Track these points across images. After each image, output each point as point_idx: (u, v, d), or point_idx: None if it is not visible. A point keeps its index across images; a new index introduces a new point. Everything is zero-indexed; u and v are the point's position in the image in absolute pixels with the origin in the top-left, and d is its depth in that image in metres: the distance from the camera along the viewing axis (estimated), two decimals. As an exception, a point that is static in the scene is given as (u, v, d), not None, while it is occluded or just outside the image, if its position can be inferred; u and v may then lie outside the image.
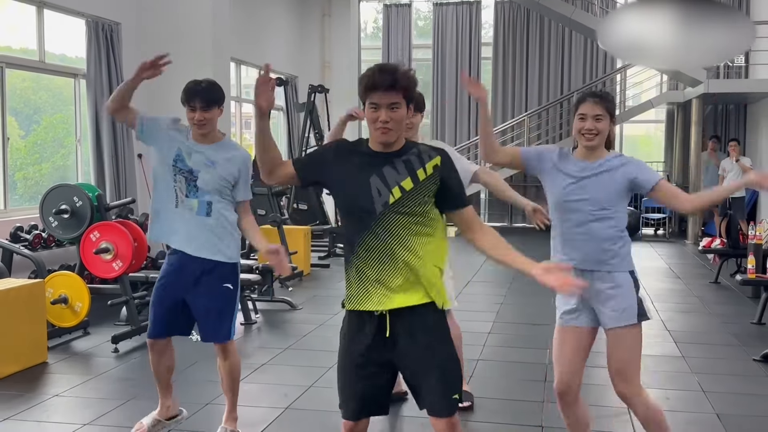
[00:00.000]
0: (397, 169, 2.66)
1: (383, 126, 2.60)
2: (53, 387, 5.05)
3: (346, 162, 2.72)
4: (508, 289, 8.66)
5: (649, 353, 5.89)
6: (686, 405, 4.80)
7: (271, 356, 5.80)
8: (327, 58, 14.89)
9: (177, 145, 3.76)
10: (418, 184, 2.65)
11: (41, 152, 8.50)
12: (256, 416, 4.53)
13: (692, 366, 5.63)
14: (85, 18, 8.12)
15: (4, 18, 7.39)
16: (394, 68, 2.62)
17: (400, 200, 2.64)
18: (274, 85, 2.74)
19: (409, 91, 2.63)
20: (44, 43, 7.70)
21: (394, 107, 2.60)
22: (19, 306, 5.39)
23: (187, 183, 3.74)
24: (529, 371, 5.46)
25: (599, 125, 3.23)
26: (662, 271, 10.14)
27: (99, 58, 8.16)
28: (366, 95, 2.62)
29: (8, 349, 5.23)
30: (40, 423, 4.34)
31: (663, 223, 14.80)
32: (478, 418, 4.49)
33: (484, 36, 16.44)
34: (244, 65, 12.13)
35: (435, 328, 2.71)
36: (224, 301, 3.84)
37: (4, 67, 7.18)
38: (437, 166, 2.68)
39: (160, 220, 3.83)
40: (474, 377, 5.27)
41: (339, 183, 2.73)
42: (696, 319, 7.41)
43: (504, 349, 6.13)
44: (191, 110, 3.69)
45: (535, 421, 4.43)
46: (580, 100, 3.31)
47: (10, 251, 6.62)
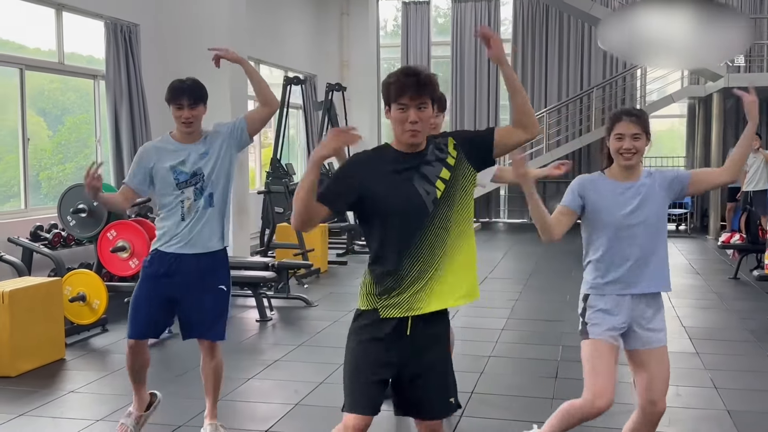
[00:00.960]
0: (432, 164, 2.72)
1: (412, 128, 2.64)
2: (69, 383, 5.12)
3: (378, 173, 2.71)
4: (525, 286, 8.63)
5: (662, 350, 5.87)
6: (697, 402, 4.77)
7: (284, 353, 5.83)
8: (345, 57, 14.92)
9: (168, 163, 3.79)
10: (452, 169, 2.73)
11: (65, 152, 8.63)
12: (266, 412, 4.57)
13: (706, 363, 5.59)
14: (103, 19, 8.20)
15: (24, 20, 7.49)
16: (417, 70, 2.68)
17: (446, 192, 2.71)
18: (352, 139, 2.64)
19: (434, 91, 2.70)
20: (63, 44, 7.79)
21: (422, 107, 2.65)
22: (37, 304, 5.46)
23: (194, 190, 3.79)
24: (541, 368, 5.45)
25: (637, 144, 3.21)
26: (682, 267, 10.05)
27: (118, 59, 8.24)
28: (395, 98, 2.66)
29: (26, 346, 5.31)
30: (55, 419, 4.41)
31: (684, 219, 14.65)
32: (485, 415, 4.49)
33: (503, 33, 16.37)
34: (263, 64, 12.18)
35: (443, 333, 2.78)
36: (219, 300, 3.88)
37: (24, 69, 7.28)
38: (455, 144, 2.76)
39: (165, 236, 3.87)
40: (485, 373, 5.27)
41: (380, 195, 2.70)
42: (713, 315, 7.34)
43: (517, 345, 6.11)
44: (178, 108, 3.72)
45: (543, 418, 4.37)
46: (616, 118, 3.25)
47: (30, 250, 6.72)
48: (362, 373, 2.72)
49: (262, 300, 6.98)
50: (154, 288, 3.85)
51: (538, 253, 11.37)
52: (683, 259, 10.85)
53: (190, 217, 3.81)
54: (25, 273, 6.25)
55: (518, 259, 10.94)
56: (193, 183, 3.79)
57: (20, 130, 7.32)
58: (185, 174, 3.78)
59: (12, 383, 5.05)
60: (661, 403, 3.31)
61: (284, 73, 12.25)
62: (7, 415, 4.44)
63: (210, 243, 3.85)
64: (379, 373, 2.72)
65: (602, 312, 3.25)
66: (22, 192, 7.33)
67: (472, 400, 4.71)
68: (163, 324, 4.00)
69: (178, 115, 3.72)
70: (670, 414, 4.43)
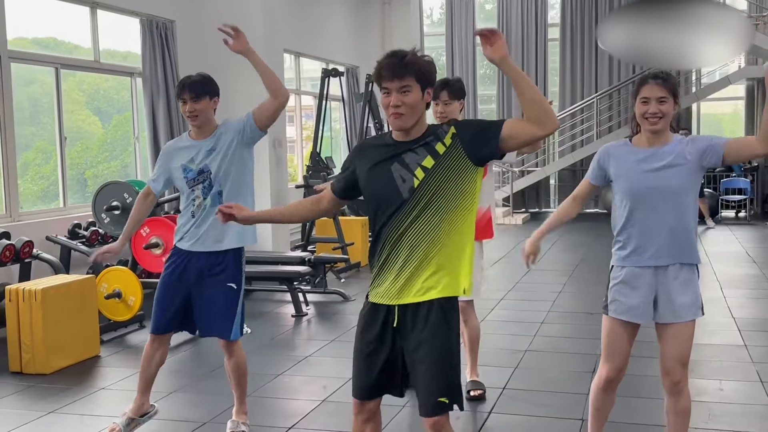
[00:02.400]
0: (417, 153, 2.65)
1: (395, 110, 2.58)
2: (102, 380, 5.21)
3: (368, 157, 2.74)
4: (569, 277, 8.48)
5: (708, 342, 5.71)
6: (740, 396, 4.61)
7: (316, 348, 5.84)
8: (388, 47, 14.80)
9: (180, 162, 3.85)
10: (438, 158, 2.62)
11: (111, 150, 8.81)
12: (293, 408, 4.58)
13: (754, 355, 5.40)
14: (139, 17, 8.30)
15: (59, 19, 7.63)
16: (404, 53, 2.60)
17: (425, 181, 2.61)
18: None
19: (421, 73, 2.60)
20: (99, 43, 7.91)
21: (405, 90, 2.57)
22: (71, 301, 5.56)
23: (202, 188, 3.82)
24: (579, 362, 5.34)
25: (663, 108, 3.12)
26: (737, 256, 9.75)
27: (154, 56, 8.34)
28: (378, 81, 2.62)
29: (60, 344, 5.41)
30: (82, 416, 4.48)
31: (744, 205, 14.23)
32: (516, 411, 4.41)
33: (551, 17, 16.11)
34: (303, 57, 12.21)
35: (440, 325, 2.65)
36: (227, 298, 3.88)
37: (59, 68, 7.41)
38: (454, 134, 2.64)
39: (179, 233, 3.95)
40: (519, 368, 5.19)
41: (364, 179, 2.74)
42: (766, 306, 7.10)
43: (555, 339, 6.00)
44: (183, 103, 3.77)
45: (575, 414, 4.33)
46: (642, 82, 3.18)
47: (68, 248, 6.86)
48: (358, 358, 2.77)
49: (297, 295, 7.00)
50: (171, 283, 3.91)
51: (587, 243, 11.17)
52: (740, 247, 10.52)
53: (198, 214, 3.85)
54: (62, 271, 6.37)
55: (565, 250, 10.76)
56: (201, 180, 3.81)
57: (57, 129, 7.46)
58: (193, 172, 3.82)
59: (46, 381, 5.16)
60: (677, 376, 3.26)
61: (325, 65, 12.24)
62: (37, 412, 4.53)
63: (220, 242, 3.85)
64: (373, 360, 2.72)
65: (622, 284, 3.26)
66: (60, 190, 7.48)
67: (503, 396, 4.64)
68: (182, 319, 3.99)
69: (183, 110, 3.78)
70: (709, 409, 4.32)
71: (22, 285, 5.49)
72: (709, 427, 4.09)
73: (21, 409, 4.61)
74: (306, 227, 9.82)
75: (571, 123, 15.51)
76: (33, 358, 5.31)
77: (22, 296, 5.33)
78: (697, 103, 15.34)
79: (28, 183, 7.54)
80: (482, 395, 4.54)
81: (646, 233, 3.20)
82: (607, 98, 15.26)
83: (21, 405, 4.71)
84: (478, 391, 4.54)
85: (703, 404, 4.36)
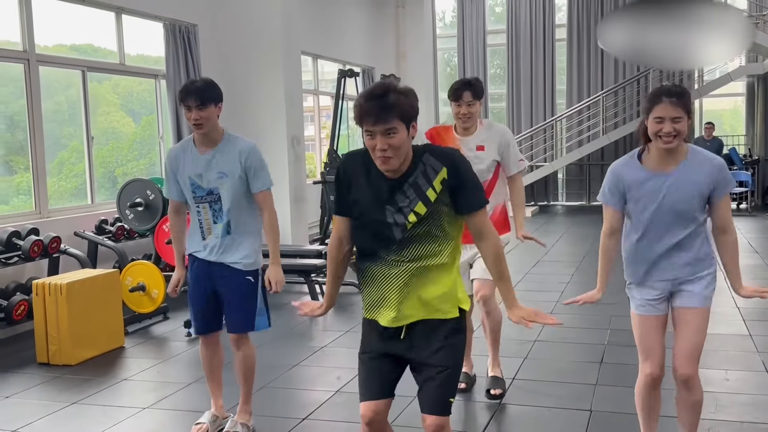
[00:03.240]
0: (407, 194, 2.43)
1: (382, 154, 2.35)
2: (125, 371, 5.08)
3: (362, 184, 2.50)
4: (577, 269, 8.28)
5: (713, 332, 5.47)
6: (745, 386, 4.40)
7: (332, 339, 5.69)
8: (402, 49, 14.66)
9: (188, 172, 3.62)
10: (430, 205, 2.43)
11: (139, 149, 8.71)
12: (307, 399, 4.43)
13: (759, 345, 5.19)
14: (162, 21, 8.17)
15: (85, 24, 7.51)
16: (384, 92, 2.32)
17: (417, 225, 2.44)
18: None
19: (405, 112, 2.34)
20: (123, 46, 7.78)
21: (391, 133, 2.32)
22: (96, 295, 5.45)
23: (212, 209, 3.61)
24: (587, 352, 5.15)
25: (678, 126, 2.87)
26: (740, 247, 9.50)
27: (177, 59, 8.20)
28: (359, 123, 2.37)
29: (85, 336, 5.30)
30: (104, 407, 4.35)
31: (745, 197, 13.91)
32: (524, 401, 4.24)
33: (559, 18, 15.85)
34: (321, 59, 12.04)
35: (448, 335, 2.52)
36: (246, 291, 3.70)
37: (86, 71, 7.29)
38: (445, 179, 2.43)
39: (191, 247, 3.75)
40: (528, 359, 5.01)
41: (358, 210, 2.53)
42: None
43: (564, 329, 5.78)
44: (187, 110, 3.51)
45: (584, 405, 4.15)
46: (655, 100, 2.91)
47: (95, 243, 6.74)
48: (364, 368, 2.61)
49: (314, 287, 6.86)
50: (198, 284, 3.74)
51: (595, 235, 10.92)
52: (742, 239, 10.26)
53: (210, 240, 3.65)
54: (88, 265, 6.26)
55: (573, 242, 10.54)
56: (209, 201, 3.61)
57: (84, 129, 7.34)
58: (202, 189, 3.61)
59: (71, 372, 5.04)
60: (687, 368, 3.07)
61: (342, 66, 12.07)
62: (61, 403, 4.41)
63: (234, 260, 3.67)
64: (378, 368, 2.57)
65: (638, 284, 3.13)
66: (88, 188, 7.36)
67: (512, 386, 4.47)
68: (220, 317, 3.82)
69: (188, 117, 3.52)
70: (716, 399, 4.12)
71: (48, 279, 5.38)
72: (717, 417, 3.89)
73: (46, 400, 4.50)
74: (324, 221, 9.67)
75: (578, 119, 15.25)
76: (59, 350, 5.20)
77: (48, 290, 5.22)
78: (699, 100, 15.03)
79: (63, 181, 7.47)
80: (502, 395, 4.23)
81: (659, 251, 3.03)
82: (613, 95, 14.98)
83: (46, 396, 4.60)
84: (498, 390, 4.23)
85: (710, 394, 4.16)
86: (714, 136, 13.35)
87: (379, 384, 2.57)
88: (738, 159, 13.96)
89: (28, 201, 6.69)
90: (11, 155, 6.82)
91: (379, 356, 2.58)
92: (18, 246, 5.89)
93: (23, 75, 6.52)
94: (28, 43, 6.52)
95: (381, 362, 2.58)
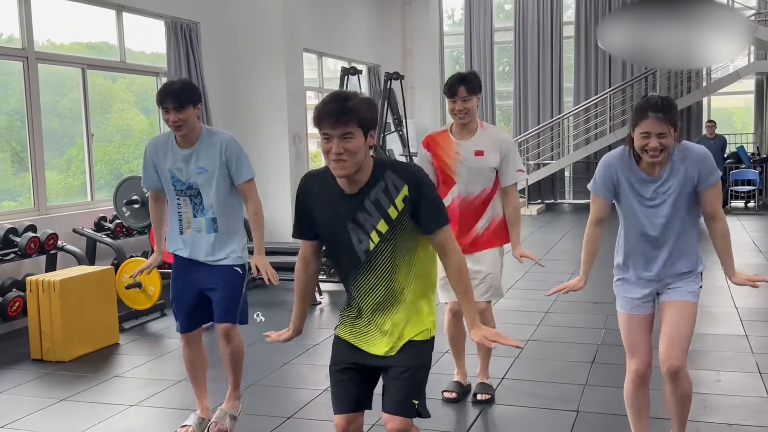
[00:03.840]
0: (369, 212, 2.43)
1: (337, 157, 2.33)
2: (117, 368, 5.09)
3: (320, 203, 2.51)
4: (578, 267, 8.18)
5: (709, 332, 5.45)
6: (736, 388, 4.34)
7: (325, 337, 5.67)
8: (408, 46, 14.61)
9: (168, 165, 3.60)
10: (392, 223, 2.44)
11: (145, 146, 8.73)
12: (294, 398, 4.41)
13: (754, 346, 5.13)
14: (164, 19, 8.17)
15: (85, 21, 7.52)
16: (345, 97, 2.34)
17: (381, 244, 2.45)
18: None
19: (364, 119, 2.34)
20: (124, 44, 7.79)
21: (347, 137, 2.32)
22: (90, 291, 5.46)
23: (192, 202, 3.59)
24: (579, 352, 5.10)
25: (664, 141, 2.89)
26: (744, 245, 9.41)
27: (179, 57, 8.20)
28: (317, 126, 2.36)
29: (79, 332, 5.31)
30: (92, 404, 4.35)
31: (753, 196, 13.79)
32: (511, 401, 4.20)
33: (567, 17, 15.75)
34: (326, 57, 12.02)
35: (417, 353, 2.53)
36: (234, 282, 3.67)
37: (86, 69, 7.30)
38: (406, 197, 2.42)
39: (171, 245, 3.74)
40: (520, 358, 4.97)
41: (321, 228, 2.54)
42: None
43: (558, 329, 5.77)
44: (165, 112, 3.48)
45: (571, 406, 4.11)
46: (642, 114, 2.90)
47: (93, 240, 6.76)
48: (334, 380, 2.61)
49: (311, 285, 6.83)
50: (182, 283, 3.73)
51: (598, 233, 10.87)
52: (747, 237, 10.17)
53: (190, 235, 3.63)
54: (85, 262, 6.27)
55: (576, 240, 10.47)
56: (189, 195, 3.59)
57: (84, 126, 7.35)
58: (182, 183, 3.59)
59: (64, 368, 5.05)
60: (675, 361, 3.05)
61: (347, 64, 12.04)
62: (50, 399, 4.42)
63: (213, 255, 3.65)
64: (349, 380, 2.56)
65: (626, 282, 3.16)
66: (87, 185, 7.38)
67: (501, 386, 4.43)
68: (202, 314, 3.79)
69: (166, 119, 3.49)
70: (705, 400, 4.08)
71: (42, 276, 5.39)
72: (705, 419, 3.84)
73: (36, 396, 4.51)
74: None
75: (585, 117, 15.16)
76: (53, 346, 5.21)
77: (42, 287, 5.24)
78: (707, 97, 14.90)
79: (71, 178, 7.50)
80: (490, 399, 4.18)
81: (642, 258, 3.10)
82: (621, 93, 14.88)
83: (37, 392, 4.61)
84: (486, 395, 4.18)
85: (700, 395, 4.11)
86: (716, 134, 13.23)
87: (352, 397, 2.56)
88: (746, 157, 13.83)
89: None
90: (25, 152, 6.83)
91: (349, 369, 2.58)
92: (15, 242, 5.91)
93: (22, 72, 6.54)
94: (27, 40, 6.54)
95: (352, 374, 2.58)
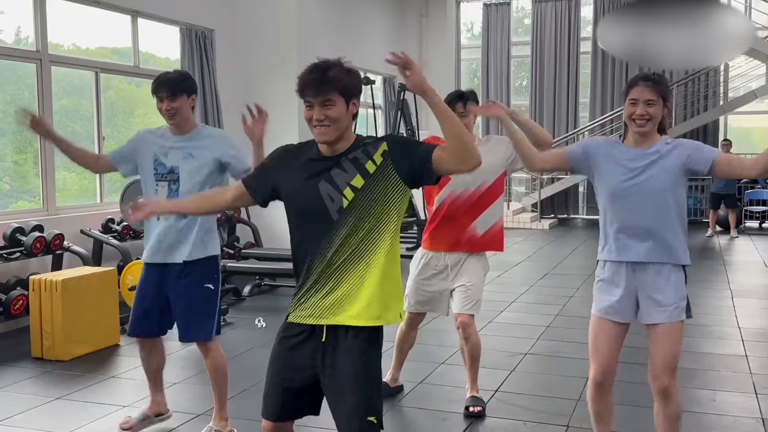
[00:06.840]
0: (345, 169, 2.39)
1: (319, 123, 2.35)
2: (115, 368, 5.11)
3: (292, 169, 2.46)
4: (584, 282, 8.15)
5: (709, 351, 5.39)
6: (732, 408, 4.27)
7: (323, 344, 5.66)
8: (425, 58, 14.63)
9: (153, 150, 3.62)
10: (368, 177, 2.37)
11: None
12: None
13: (753, 366, 5.06)
14: (179, 25, 8.25)
15: (100, 26, 7.61)
16: (326, 65, 2.35)
17: (355, 201, 2.37)
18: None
19: (345, 87, 2.34)
20: (138, 49, 7.87)
21: (328, 104, 2.33)
22: (92, 292, 5.50)
23: (168, 188, 3.58)
24: (574, 367, 5.05)
25: (651, 110, 2.94)
26: (755, 266, 9.29)
27: (193, 63, 8.27)
28: (300, 94, 2.37)
29: (79, 332, 5.34)
30: (85, 403, 4.37)
31: (767, 216, 13.62)
32: (502, 414, 4.17)
33: (584, 33, 15.71)
34: (341, 66, 12.05)
35: (366, 351, 2.41)
36: (205, 301, 3.66)
37: (99, 72, 7.38)
38: (385, 151, 2.38)
39: (145, 239, 3.72)
40: (515, 372, 4.93)
41: (288, 194, 2.48)
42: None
43: (557, 343, 5.72)
44: (159, 101, 3.54)
45: (562, 420, 4.07)
46: (632, 83, 3.01)
47: (100, 241, 6.81)
48: (270, 377, 2.52)
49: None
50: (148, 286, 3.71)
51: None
52: (758, 258, 10.04)
53: (160, 222, 3.58)
54: (90, 263, 6.32)
55: (585, 256, 10.40)
56: (169, 180, 3.58)
57: (95, 129, 7.43)
58: (164, 167, 3.60)
59: (63, 367, 5.09)
60: (665, 381, 3.03)
61: (363, 74, 12.07)
62: (45, 398, 4.45)
63: (185, 253, 3.61)
64: (286, 380, 2.48)
65: (604, 282, 3.11)
66: (97, 187, 7.45)
67: (493, 399, 4.40)
68: (158, 324, 3.75)
69: (159, 107, 3.55)
70: (698, 420, 4.03)
71: (45, 275, 5.44)
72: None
73: (32, 394, 4.54)
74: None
75: (601, 132, 15.07)
76: (53, 345, 5.25)
77: (44, 286, 5.28)
78: (724, 116, 14.77)
79: (86, 180, 7.56)
80: (482, 411, 4.13)
81: (624, 230, 3.03)
82: (636, 110, 14.78)
83: (34, 390, 4.64)
84: (478, 407, 4.14)
85: (694, 415, 4.07)
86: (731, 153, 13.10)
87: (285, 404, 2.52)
88: (762, 178, 13.67)
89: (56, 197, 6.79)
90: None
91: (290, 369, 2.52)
92: (21, 242, 5.97)
93: (35, 75, 6.62)
94: (41, 43, 6.62)
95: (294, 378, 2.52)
